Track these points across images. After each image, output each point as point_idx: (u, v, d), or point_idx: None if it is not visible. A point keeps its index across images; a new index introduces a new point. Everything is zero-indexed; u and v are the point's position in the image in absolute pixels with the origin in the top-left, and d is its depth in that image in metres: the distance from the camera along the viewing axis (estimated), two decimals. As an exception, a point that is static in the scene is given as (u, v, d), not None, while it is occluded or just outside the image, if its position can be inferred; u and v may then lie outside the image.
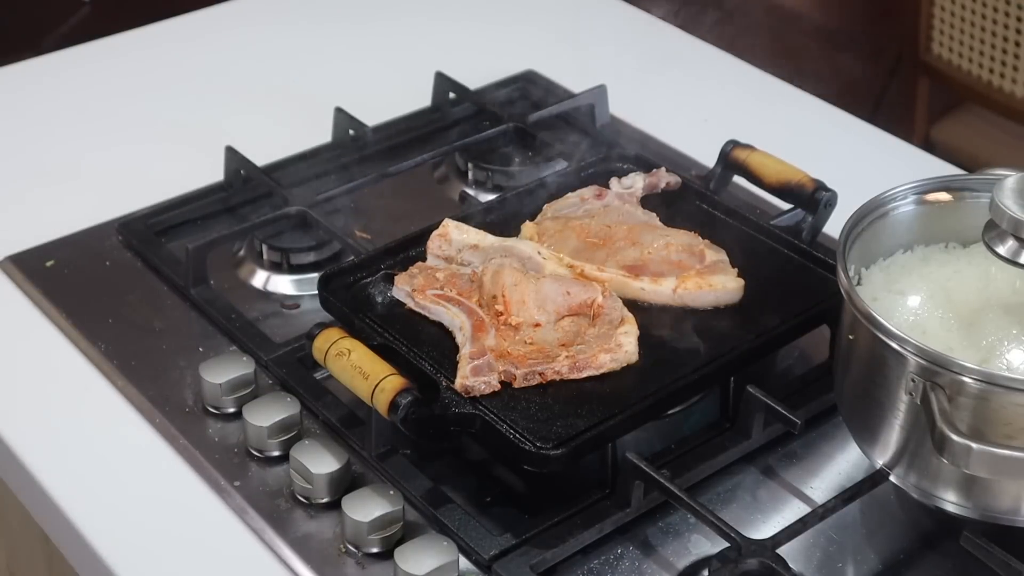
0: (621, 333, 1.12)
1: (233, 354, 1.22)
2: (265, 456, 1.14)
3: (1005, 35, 2.56)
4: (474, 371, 1.07)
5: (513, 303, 1.13)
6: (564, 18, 1.89)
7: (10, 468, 1.19)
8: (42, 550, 1.28)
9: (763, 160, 1.33)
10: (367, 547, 1.05)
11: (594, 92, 1.58)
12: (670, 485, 1.05)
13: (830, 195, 1.29)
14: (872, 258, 1.12)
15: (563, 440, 1.03)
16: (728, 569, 1.00)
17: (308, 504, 1.09)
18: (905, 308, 1.08)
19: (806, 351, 1.24)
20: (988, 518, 1.02)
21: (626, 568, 1.05)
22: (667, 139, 1.57)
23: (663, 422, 1.13)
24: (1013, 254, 1.01)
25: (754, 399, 1.11)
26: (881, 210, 1.12)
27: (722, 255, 1.21)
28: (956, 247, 1.14)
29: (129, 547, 1.09)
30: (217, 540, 1.09)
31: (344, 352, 1.09)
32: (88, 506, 1.12)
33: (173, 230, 1.38)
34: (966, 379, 0.95)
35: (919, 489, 1.04)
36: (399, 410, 1.05)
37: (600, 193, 1.29)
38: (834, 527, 1.08)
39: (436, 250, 1.22)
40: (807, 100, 1.70)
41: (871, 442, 1.06)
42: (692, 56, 1.81)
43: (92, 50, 1.78)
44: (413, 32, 1.81)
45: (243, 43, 1.80)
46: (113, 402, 1.22)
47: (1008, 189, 1.00)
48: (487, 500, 1.10)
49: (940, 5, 2.65)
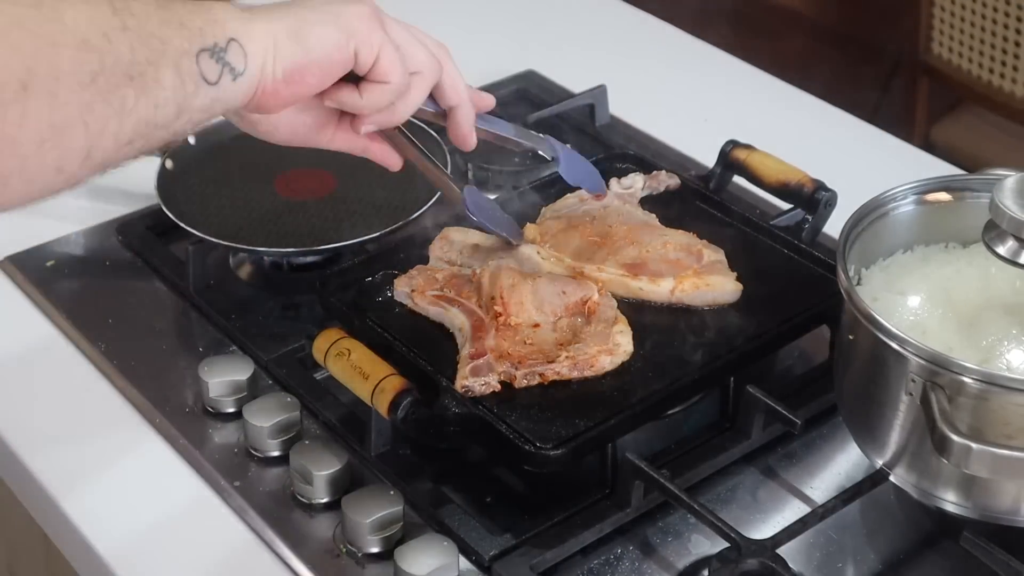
0: (617, 332, 1.12)
1: (233, 354, 1.22)
2: (265, 456, 1.14)
3: (1005, 35, 2.56)
4: (474, 372, 1.07)
5: (511, 304, 1.13)
6: (564, 18, 1.89)
7: (10, 468, 1.19)
8: (42, 550, 1.28)
9: (763, 160, 1.33)
10: (367, 547, 1.05)
11: (594, 92, 1.58)
12: (670, 485, 1.05)
13: (830, 195, 1.29)
14: (872, 258, 1.12)
15: (563, 440, 1.03)
16: (728, 569, 1.00)
17: (308, 504, 1.09)
18: (905, 308, 1.08)
19: (806, 351, 1.24)
20: (988, 518, 1.02)
21: (626, 568, 1.05)
22: (667, 139, 1.57)
23: (663, 422, 1.13)
24: (1013, 254, 1.01)
25: (754, 399, 1.11)
26: (881, 210, 1.12)
27: (720, 255, 1.21)
28: (956, 247, 1.14)
29: (129, 547, 1.09)
30: (217, 540, 1.09)
31: (344, 352, 1.10)
32: (88, 506, 1.12)
33: (173, 230, 1.38)
34: (966, 379, 0.95)
35: (919, 489, 1.04)
36: (399, 410, 1.05)
37: (599, 194, 1.29)
38: (834, 527, 1.08)
39: (438, 252, 1.22)
40: (807, 100, 1.70)
41: (871, 442, 1.06)
42: (692, 56, 1.81)
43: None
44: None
45: (243, 43, 1.80)
46: (113, 402, 1.22)
47: (1008, 189, 1.00)
48: (487, 500, 1.10)
49: (940, 5, 2.65)
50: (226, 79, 0.93)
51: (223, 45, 0.92)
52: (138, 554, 1.08)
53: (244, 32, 0.94)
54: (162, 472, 1.15)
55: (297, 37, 0.96)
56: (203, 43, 0.91)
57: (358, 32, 0.99)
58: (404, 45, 1.03)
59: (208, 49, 0.91)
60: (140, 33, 0.86)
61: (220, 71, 0.92)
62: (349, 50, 0.99)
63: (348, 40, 0.98)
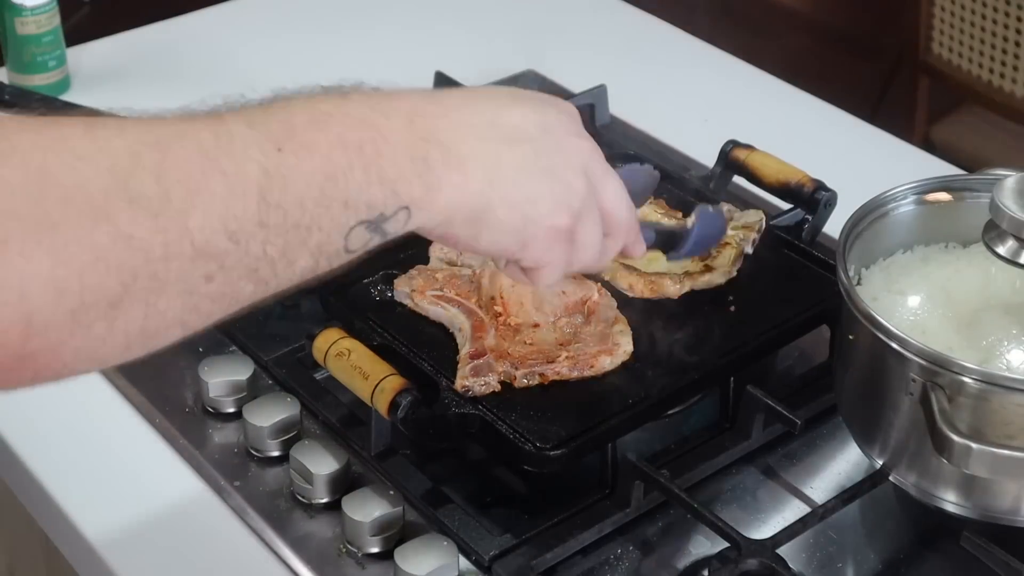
0: (617, 332, 1.12)
1: (233, 354, 1.22)
2: (265, 456, 1.14)
3: (1005, 35, 2.56)
4: (474, 371, 1.07)
5: (511, 304, 1.13)
6: (564, 18, 1.89)
7: (10, 468, 1.19)
8: (42, 550, 1.28)
9: (763, 160, 1.33)
10: (367, 547, 1.05)
11: (594, 92, 1.58)
12: (670, 485, 1.05)
13: (830, 195, 1.29)
14: (872, 258, 1.12)
15: (563, 440, 1.03)
16: (728, 569, 1.00)
17: (308, 504, 1.09)
18: (905, 308, 1.08)
19: (806, 351, 1.24)
20: (988, 518, 1.02)
21: (626, 568, 1.05)
22: (667, 139, 1.57)
23: (663, 422, 1.13)
24: (1013, 254, 1.01)
25: (754, 399, 1.11)
26: (881, 210, 1.12)
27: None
28: (956, 247, 1.14)
29: (129, 547, 1.08)
30: (217, 540, 1.09)
31: (344, 352, 1.09)
32: (88, 506, 1.12)
33: (173, 230, 1.37)
34: (966, 379, 0.95)
35: (919, 489, 1.04)
36: (399, 410, 1.05)
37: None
38: (834, 527, 1.08)
39: (438, 253, 1.22)
40: (807, 100, 1.70)
41: (871, 442, 1.07)
42: (692, 56, 1.81)
43: (92, 50, 1.78)
44: (413, 32, 1.81)
45: (243, 43, 1.80)
46: (113, 402, 1.22)
47: (1008, 189, 1.00)
48: (487, 500, 1.10)
49: (940, 5, 2.65)
50: (372, 242, 0.78)
51: (389, 214, 0.77)
52: (138, 554, 1.08)
53: (423, 201, 0.78)
54: (162, 472, 1.15)
55: (475, 225, 0.81)
56: (366, 216, 0.76)
57: (532, 247, 0.85)
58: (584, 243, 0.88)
59: (368, 222, 0.76)
60: (281, 227, 0.72)
61: (368, 239, 0.77)
62: (513, 257, 0.86)
63: (518, 251, 0.85)
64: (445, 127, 0.80)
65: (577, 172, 0.85)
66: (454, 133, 0.80)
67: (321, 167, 0.73)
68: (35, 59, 1.64)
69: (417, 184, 0.78)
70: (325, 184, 0.73)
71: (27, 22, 1.61)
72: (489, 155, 0.81)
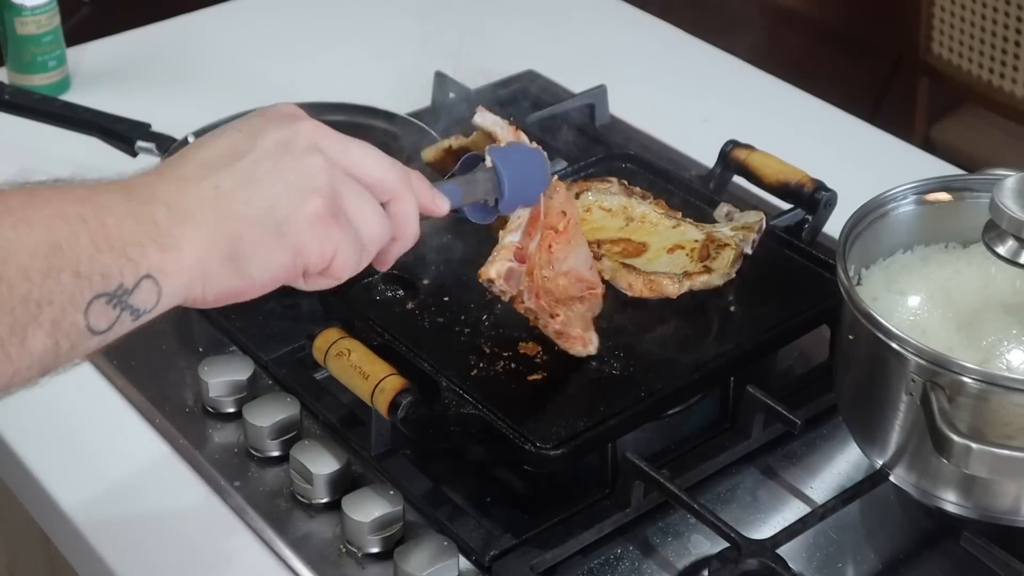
0: (591, 330, 1.11)
1: (233, 354, 1.22)
2: (265, 456, 1.14)
3: (1005, 35, 2.56)
4: (508, 274, 1.02)
5: (569, 234, 1.08)
6: (564, 18, 1.89)
7: (10, 468, 1.19)
8: (42, 550, 1.28)
9: (763, 160, 1.33)
10: (367, 547, 1.05)
11: (594, 92, 1.58)
12: (670, 485, 1.05)
13: (830, 195, 1.29)
14: (872, 258, 1.12)
15: (563, 440, 1.03)
16: (728, 569, 1.00)
17: (308, 504, 1.09)
18: (905, 308, 1.08)
19: (806, 351, 1.24)
20: (988, 518, 1.02)
21: (626, 568, 1.05)
22: (667, 139, 1.58)
23: (663, 422, 1.13)
24: (1013, 254, 1.01)
25: (754, 399, 1.11)
26: (881, 210, 1.12)
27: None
28: (956, 247, 1.14)
29: (129, 547, 1.09)
30: (217, 540, 1.09)
31: (344, 352, 1.09)
32: (88, 506, 1.12)
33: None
34: (966, 379, 0.95)
35: (919, 489, 1.04)
36: (399, 410, 1.05)
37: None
38: (834, 527, 1.08)
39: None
40: (807, 100, 1.70)
41: (871, 442, 1.07)
42: (692, 56, 1.81)
43: (92, 50, 1.78)
44: (413, 32, 1.81)
45: (243, 43, 1.80)
46: (113, 402, 1.22)
47: (1008, 189, 1.00)
48: (487, 500, 1.10)
49: (940, 5, 2.65)
50: (123, 321, 0.78)
51: (130, 287, 0.77)
52: (137, 554, 1.08)
53: (165, 265, 0.78)
54: (162, 472, 1.15)
55: (234, 262, 0.80)
56: (102, 288, 0.75)
57: (306, 247, 0.83)
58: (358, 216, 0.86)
59: (107, 295, 0.75)
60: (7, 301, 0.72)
61: (116, 317, 0.77)
62: (297, 270, 0.84)
63: (295, 260, 0.83)
64: (162, 186, 0.80)
65: (307, 152, 0.84)
66: (171, 188, 0.80)
67: (44, 237, 0.73)
68: (35, 59, 1.64)
69: (153, 249, 0.77)
70: (50, 254, 0.73)
71: (27, 22, 1.62)
72: (208, 192, 0.81)
